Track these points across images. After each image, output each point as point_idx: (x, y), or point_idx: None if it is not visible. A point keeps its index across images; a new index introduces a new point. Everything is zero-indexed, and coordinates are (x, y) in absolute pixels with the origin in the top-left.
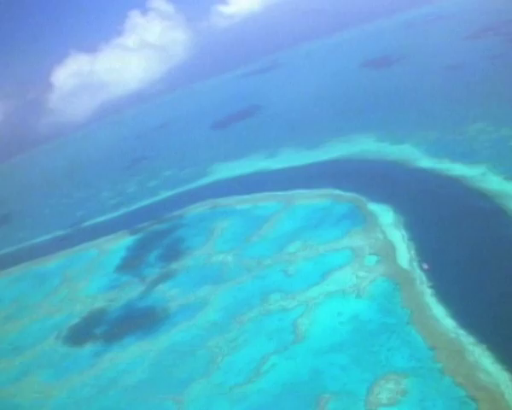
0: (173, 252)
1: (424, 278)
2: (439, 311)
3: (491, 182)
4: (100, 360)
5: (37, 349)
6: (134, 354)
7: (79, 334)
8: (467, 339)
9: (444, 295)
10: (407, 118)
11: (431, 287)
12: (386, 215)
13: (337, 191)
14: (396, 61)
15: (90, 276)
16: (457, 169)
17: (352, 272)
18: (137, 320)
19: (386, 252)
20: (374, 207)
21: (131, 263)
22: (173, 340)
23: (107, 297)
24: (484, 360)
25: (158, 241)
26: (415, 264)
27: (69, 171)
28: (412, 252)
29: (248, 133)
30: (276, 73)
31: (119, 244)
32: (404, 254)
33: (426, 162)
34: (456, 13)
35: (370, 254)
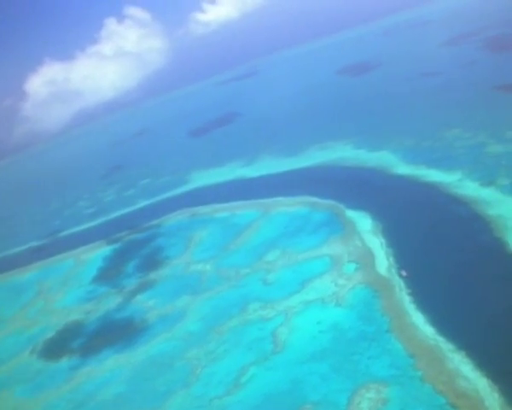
0: (151, 262)
1: (403, 285)
2: (418, 318)
3: (468, 188)
4: (76, 373)
5: (12, 364)
6: (111, 367)
7: (55, 347)
8: (446, 346)
9: (422, 302)
10: (384, 125)
11: (410, 294)
12: (364, 222)
13: (315, 199)
14: (373, 67)
15: (67, 287)
16: (434, 175)
17: (331, 280)
18: (115, 332)
19: (365, 259)
20: (352, 214)
21: (109, 274)
22: (152, 352)
23: (84, 309)
24: (463, 366)
25: (136, 251)
26: (393, 271)
27: (45, 180)
28: (391, 259)
29: (226, 141)
30: (253, 80)
31: (97, 254)
32: (383, 261)
33: (403, 169)
34: (433, 19)
35: (349, 261)
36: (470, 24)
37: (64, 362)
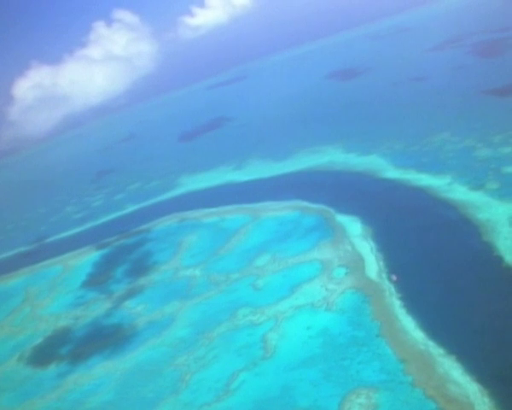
0: (140, 267)
1: (393, 290)
2: (408, 323)
3: (457, 192)
4: (64, 381)
5: None
6: (100, 374)
7: (43, 354)
8: (436, 350)
9: (413, 307)
10: (373, 129)
11: (400, 298)
12: (354, 227)
13: (305, 203)
14: (362, 72)
15: (54, 293)
16: (424, 179)
17: (321, 284)
18: (103, 339)
19: (355, 264)
20: (342, 218)
21: (97, 279)
22: (140, 358)
23: (72, 315)
24: (453, 371)
25: (124, 256)
26: (384, 275)
27: (32, 185)
28: (381, 263)
29: (215, 145)
30: (243, 84)
31: (85, 260)
32: (373, 265)
33: (393, 173)
34: (420, 25)
35: (339, 266)
36: (458, 29)
37: (52, 369)
